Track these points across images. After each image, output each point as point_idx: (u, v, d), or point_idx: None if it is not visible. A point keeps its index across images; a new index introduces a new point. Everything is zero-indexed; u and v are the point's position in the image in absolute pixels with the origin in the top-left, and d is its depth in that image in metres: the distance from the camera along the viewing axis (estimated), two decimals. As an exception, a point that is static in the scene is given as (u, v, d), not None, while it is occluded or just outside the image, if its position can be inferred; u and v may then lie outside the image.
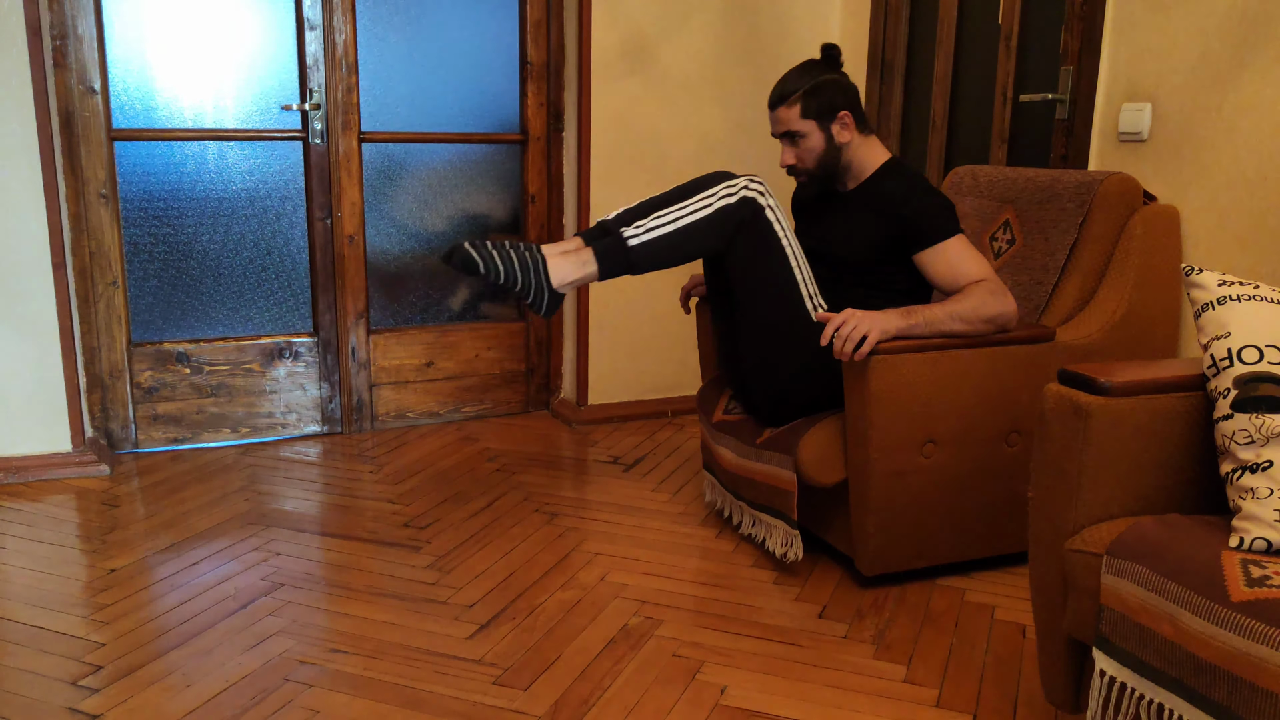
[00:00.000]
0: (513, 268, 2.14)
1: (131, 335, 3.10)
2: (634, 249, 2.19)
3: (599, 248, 2.21)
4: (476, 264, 2.12)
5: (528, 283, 2.15)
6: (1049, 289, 2.41)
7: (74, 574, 2.28)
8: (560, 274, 2.17)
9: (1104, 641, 1.42)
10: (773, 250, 2.24)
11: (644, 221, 2.21)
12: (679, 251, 2.23)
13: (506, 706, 1.79)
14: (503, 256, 2.14)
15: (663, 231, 2.20)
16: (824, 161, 2.34)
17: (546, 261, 2.16)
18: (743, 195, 2.23)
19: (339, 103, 3.18)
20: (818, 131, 2.31)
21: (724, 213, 2.22)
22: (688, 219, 2.21)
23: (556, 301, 2.19)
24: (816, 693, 1.85)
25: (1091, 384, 1.50)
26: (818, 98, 2.29)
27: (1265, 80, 2.19)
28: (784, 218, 2.27)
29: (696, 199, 2.23)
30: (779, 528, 2.34)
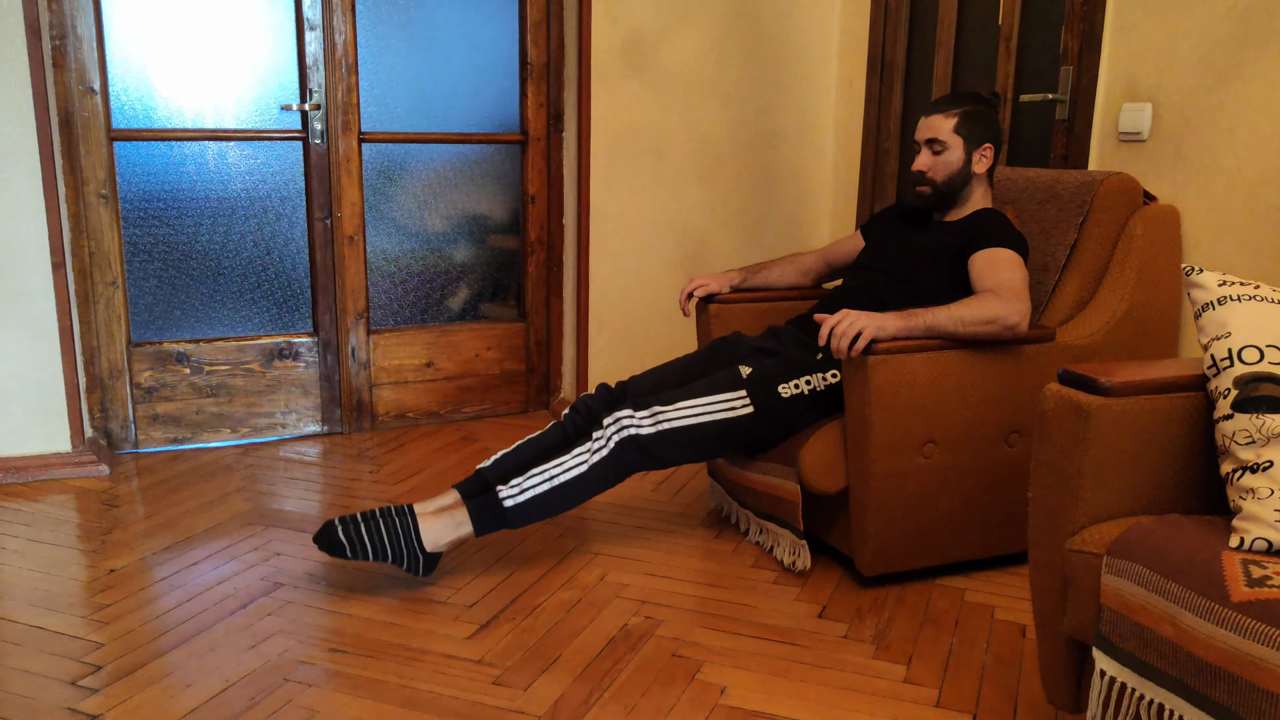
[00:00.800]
0: (381, 542, 2.12)
1: (131, 335, 3.10)
2: (509, 510, 2.17)
3: (473, 508, 2.17)
4: (343, 546, 2.10)
5: (399, 551, 2.13)
6: (1049, 289, 2.41)
7: (74, 574, 2.28)
8: (433, 537, 2.15)
9: (1104, 642, 1.42)
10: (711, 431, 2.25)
11: (519, 480, 2.17)
12: (558, 507, 2.21)
13: (506, 706, 1.79)
14: (371, 532, 2.12)
15: (538, 491, 2.17)
16: (952, 180, 2.38)
17: (419, 525, 2.14)
18: (616, 442, 2.20)
19: (339, 103, 3.18)
20: (961, 150, 2.36)
21: (598, 467, 2.19)
22: (562, 477, 2.18)
23: (432, 562, 2.17)
24: (816, 693, 1.85)
25: (1091, 384, 1.50)
26: (974, 121, 2.37)
27: (1266, 80, 2.19)
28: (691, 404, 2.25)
29: (570, 455, 2.19)
30: (785, 536, 2.34)
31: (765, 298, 2.74)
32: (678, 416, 2.23)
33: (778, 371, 2.31)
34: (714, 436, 2.26)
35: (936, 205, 2.43)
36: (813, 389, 2.31)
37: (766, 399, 2.27)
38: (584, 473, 2.19)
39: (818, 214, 3.73)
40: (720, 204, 3.56)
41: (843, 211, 3.67)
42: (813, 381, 2.31)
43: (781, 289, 2.75)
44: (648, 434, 2.21)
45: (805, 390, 2.30)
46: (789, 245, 3.65)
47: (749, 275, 2.73)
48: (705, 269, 3.56)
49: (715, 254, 3.58)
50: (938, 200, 2.41)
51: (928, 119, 2.40)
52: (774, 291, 2.74)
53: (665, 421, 2.22)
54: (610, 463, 2.20)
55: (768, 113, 3.57)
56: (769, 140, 3.59)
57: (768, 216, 3.65)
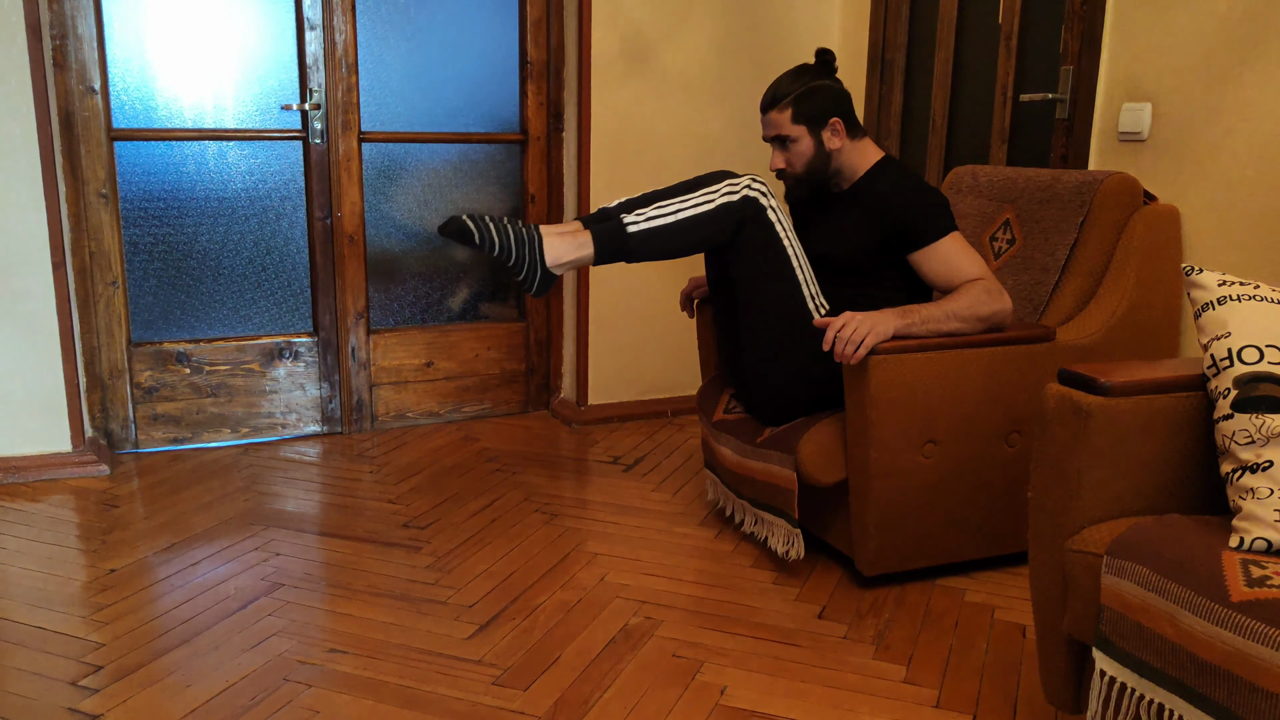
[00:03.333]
0: (508, 241, 2.12)
1: (131, 335, 3.10)
2: (633, 235, 2.18)
3: (597, 231, 2.20)
4: (472, 234, 2.10)
5: (521, 258, 2.13)
6: (1049, 289, 2.41)
7: (74, 574, 2.28)
8: (555, 253, 2.16)
9: (1104, 642, 1.42)
10: (774, 249, 2.24)
11: (645, 210, 2.21)
12: (677, 243, 2.22)
13: (506, 706, 1.79)
14: (499, 229, 2.12)
15: (663, 222, 2.20)
16: (813, 167, 2.34)
17: (543, 240, 2.15)
18: (745, 194, 2.23)
19: (339, 103, 3.18)
20: (808, 137, 2.31)
21: (725, 209, 2.22)
22: (689, 212, 2.21)
23: (549, 281, 2.17)
24: (816, 693, 1.85)
25: (1091, 384, 1.50)
26: (809, 103, 2.30)
27: (1265, 80, 2.19)
28: (785, 219, 2.27)
29: (699, 193, 2.23)
30: (780, 526, 2.34)
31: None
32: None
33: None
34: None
35: (815, 190, 2.40)
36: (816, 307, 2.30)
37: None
38: (710, 211, 2.19)
39: (818, 214, 3.73)
40: (720, 204, 3.55)
41: (843, 211, 3.66)
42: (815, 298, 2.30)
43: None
44: (766, 201, 2.22)
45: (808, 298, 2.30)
46: (789, 245, 3.65)
47: (749, 275, 2.73)
48: (705, 269, 3.56)
49: (715, 254, 3.58)
50: (812, 187, 2.39)
51: (765, 117, 2.35)
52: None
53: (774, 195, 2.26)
54: (733, 211, 2.20)
55: (767, 113, 3.56)
56: (769, 140, 3.59)
57: (768, 216, 3.64)
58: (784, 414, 2.36)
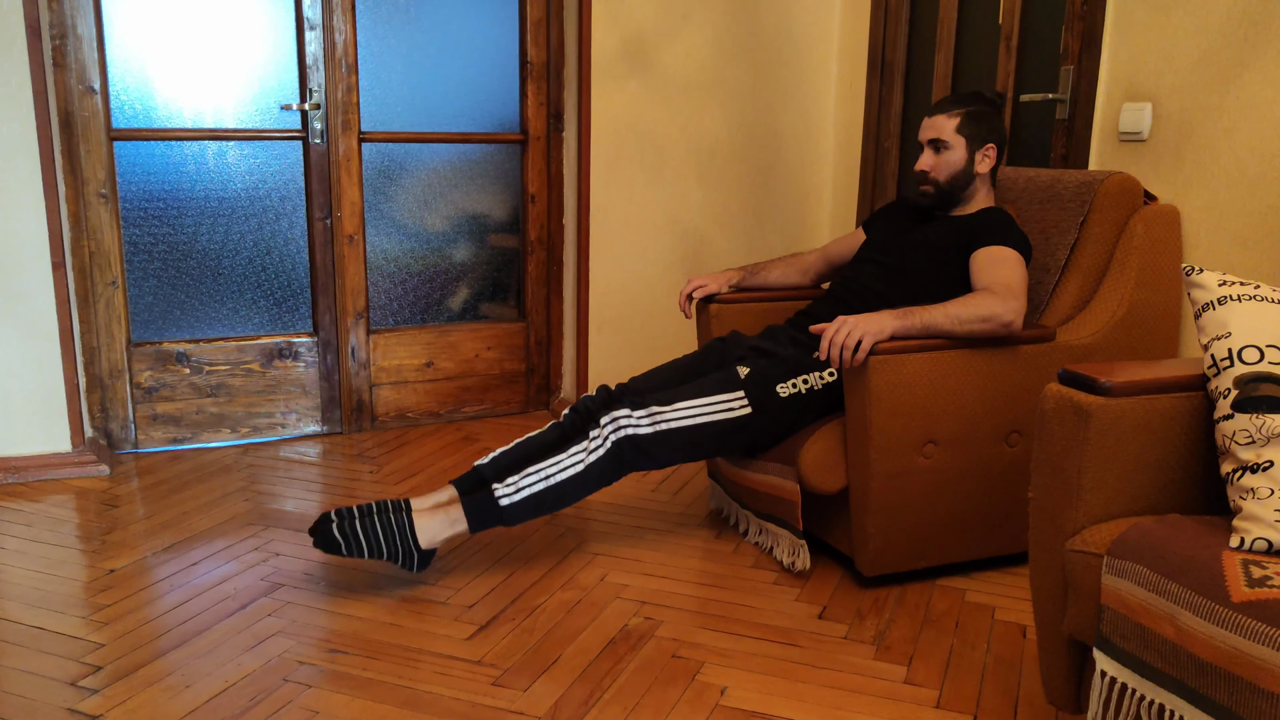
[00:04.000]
0: (377, 539, 2.12)
1: (131, 335, 3.10)
2: (505, 508, 2.16)
3: (469, 505, 2.17)
4: (338, 544, 2.10)
5: (394, 548, 2.13)
6: (1049, 289, 2.41)
7: (74, 574, 2.28)
8: (428, 534, 2.15)
9: (1105, 642, 1.42)
10: (709, 432, 2.24)
11: (515, 479, 2.17)
12: (554, 505, 2.20)
13: (506, 707, 1.79)
14: (366, 529, 2.12)
15: (535, 489, 2.17)
16: (955, 180, 2.39)
17: (414, 522, 2.14)
18: (612, 441, 2.20)
19: (339, 103, 3.18)
20: (964, 150, 2.37)
21: (595, 466, 2.19)
22: (559, 476, 2.18)
23: (426, 559, 2.17)
24: (816, 693, 1.85)
25: (1092, 384, 1.50)
26: (978, 121, 2.38)
27: (1265, 80, 2.19)
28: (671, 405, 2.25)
29: (566, 454, 2.19)
30: (785, 537, 2.34)
31: (765, 297, 2.74)
32: (675, 417, 2.22)
33: (775, 371, 2.31)
34: (712, 437, 2.26)
35: (939, 205, 2.43)
36: (810, 388, 2.31)
37: (764, 399, 2.27)
38: (580, 471, 2.18)
39: (818, 214, 3.73)
40: (720, 204, 3.56)
41: (843, 211, 3.67)
42: (810, 380, 2.31)
43: (781, 288, 2.75)
44: (645, 434, 2.21)
45: (803, 389, 2.30)
46: (789, 245, 3.65)
47: (748, 275, 2.74)
48: (705, 269, 3.56)
49: (715, 254, 3.58)
50: (940, 200, 2.42)
51: (931, 119, 2.40)
52: (774, 291, 2.75)
53: (663, 422, 2.21)
54: (607, 462, 2.20)
55: (768, 112, 3.57)
56: (769, 140, 3.59)
57: (768, 216, 3.65)
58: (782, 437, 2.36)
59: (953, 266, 2.31)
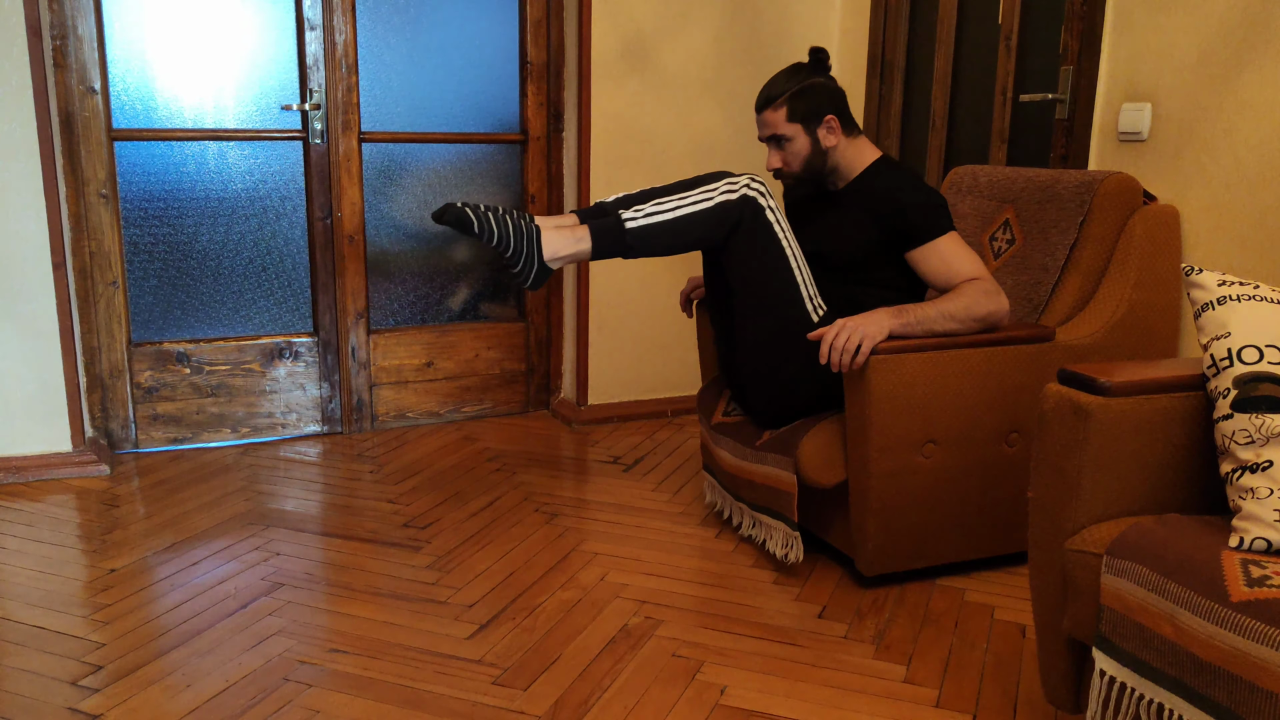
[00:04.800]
0: (506, 232, 2.08)
1: (131, 335, 3.10)
2: (630, 231, 2.17)
3: (595, 226, 2.19)
4: (470, 222, 2.07)
5: (519, 250, 2.10)
6: (1049, 289, 2.41)
7: (74, 574, 2.28)
8: (553, 247, 2.13)
9: (1104, 641, 1.42)
10: (771, 250, 2.24)
11: (643, 206, 2.20)
12: (675, 240, 2.21)
13: (506, 706, 1.79)
14: (497, 220, 2.09)
15: (661, 219, 2.19)
16: (810, 165, 2.34)
17: (540, 233, 2.12)
18: (744, 193, 2.22)
19: (339, 103, 3.18)
20: (804, 135, 2.31)
21: (723, 207, 2.21)
22: (687, 209, 2.20)
23: (545, 275, 2.15)
24: (816, 693, 1.85)
25: (1091, 384, 1.50)
26: (804, 101, 2.30)
27: (1265, 80, 2.19)
28: (784, 220, 2.26)
29: (697, 191, 2.23)
30: (779, 529, 2.34)
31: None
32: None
33: None
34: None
35: (814, 187, 2.40)
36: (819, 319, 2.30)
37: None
38: (710, 209, 2.18)
39: (818, 214, 3.73)
40: (720, 204, 3.55)
41: (843, 211, 3.66)
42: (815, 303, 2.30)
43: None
44: (766, 202, 2.21)
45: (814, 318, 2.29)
46: (789, 245, 3.65)
47: (749, 274, 2.73)
48: (705, 269, 3.56)
49: (715, 254, 3.58)
50: (810, 184, 2.39)
51: (761, 116, 2.35)
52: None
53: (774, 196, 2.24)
54: (731, 210, 2.19)
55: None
56: (769, 140, 3.59)
57: (768, 216, 3.65)
58: (782, 416, 2.36)
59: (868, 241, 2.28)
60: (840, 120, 2.32)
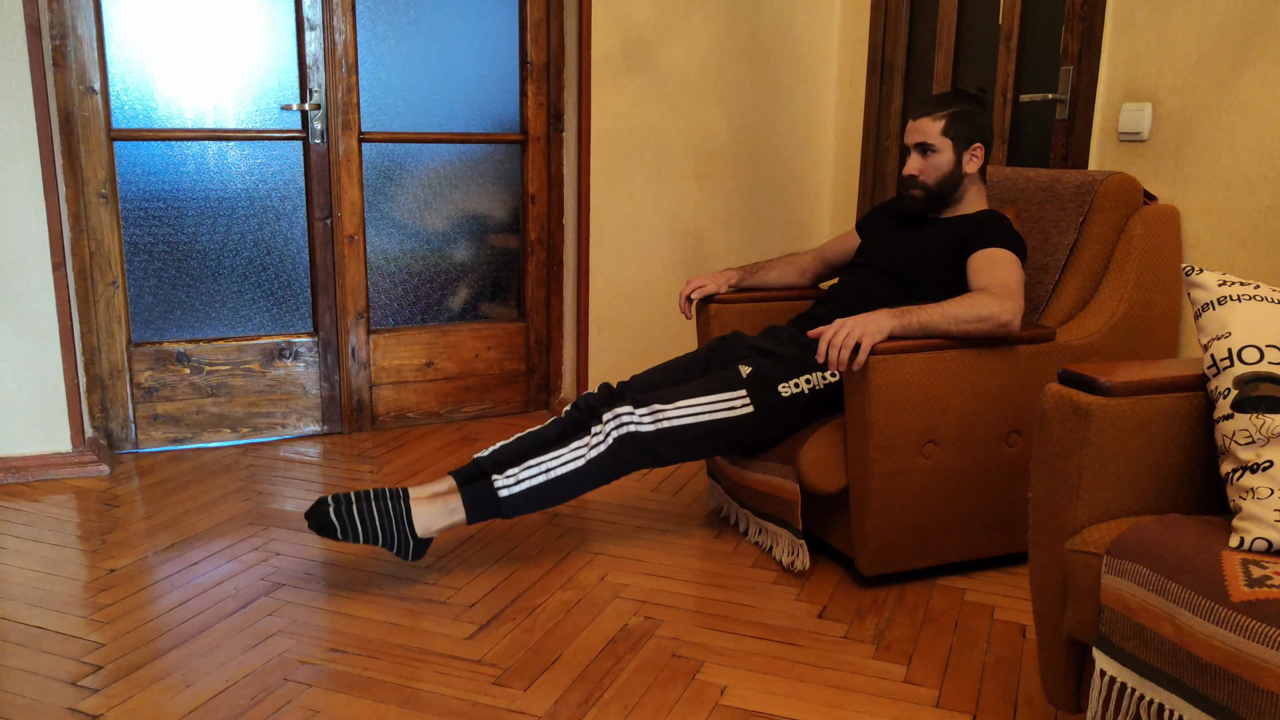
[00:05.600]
0: (373, 524, 2.11)
1: (131, 335, 3.10)
2: (504, 500, 2.16)
3: (467, 495, 2.17)
4: (334, 527, 2.09)
5: (390, 535, 2.12)
6: (1049, 289, 2.41)
7: (74, 574, 2.28)
8: (425, 522, 2.14)
9: (1104, 642, 1.42)
10: (690, 433, 2.24)
11: (515, 471, 2.17)
12: (553, 499, 2.20)
13: (506, 706, 1.79)
14: (363, 513, 2.11)
15: (534, 483, 2.17)
16: (944, 183, 2.37)
17: (411, 511, 2.14)
18: (613, 440, 2.20)
19: (339, 103, 3.18)
20: (951, 151, 2.35)
21: (596, 462, 2.19)
22: (558, 470, 2.18)
23: (422, 548, 2.17)
24: (816, 693, 1.85)
25: (1091, 384, 1.50)
26: (963, 121, 2.35)
27: (1265, 80, 2.19)
28: (665, 402, 2.25)
29: (568, 449, 2.19)
30: (784, 536, 2.34)
31: (764, 297, 2.74)
32: (677, 415, 2.23)
33: (777, 370, 2.31)
34: (713, 435, 2.26)
35: (930, 207, 2.42)
36: (813, 387, 2.31)
37: (766, 398, 2.27)
38: (580, 467, 2.18)
39: (817, 214, 3.73)
40: (720, 204, 3.56)
41: (842, 211, 3.67)
42: (812, 380, 2.31)
43: (780, 289, 2.75)
44: (647, 431, 2.21)
45: (805, 389, 2.30)
46: (789, 245, 3.65)
47: (747, 274, 2.74)
48: (705, 268, 3.56)
49: (715, 253, 3.58)
50: (931, 203, 2.41)
51: (915, 122, 2.38)
52: (773, 291, 2.75)
53: (665, 420, 2.22)
54: (607, 459, 2.20)
55: (768, 112, 3.57)
56: (769, 140, 3.59)
57: (767, 216, 3.65)
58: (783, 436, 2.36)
59: (950, 271, 2.31)
60: (985, 154, 2.39)
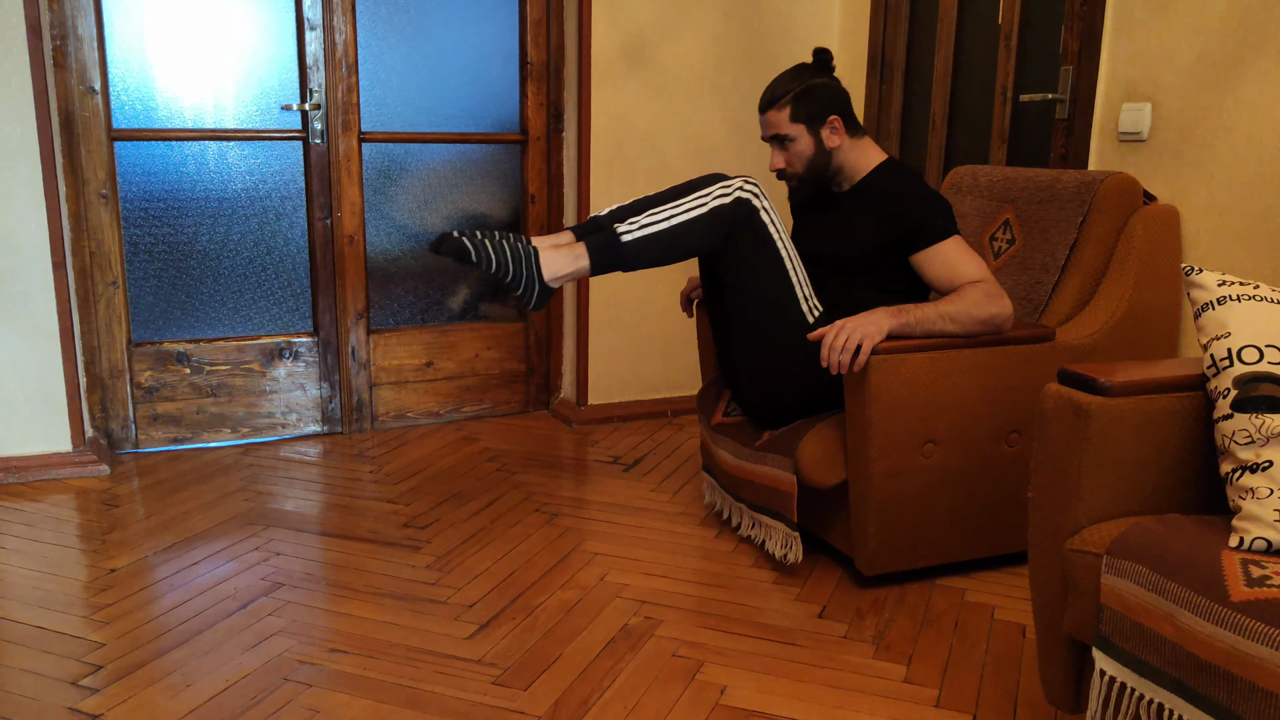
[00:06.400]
0: (504, 258, 2.10)
1: (131, 335, 3.10)
2: (627, 245, 2.18)
3: (592, 242, 2.19)
4: (469, 252, 2.08)
5: (519, 274, 2.11)
6: (1049, 289, 2.41)
7: (74, 574, 2.28)
8: (552, 268, 2.14)
9: (1104, 641, 1.42)
10: (767, 252, 2.24)
11: (637, 218, 2.20)
12: (672, 249, 2.21)
13: (506, 706, 1.79)
14: (495, 246, 2.10)
15: (656, 229, 2.19)
16: (813, 166, 2.33)
17: (539, 254, 2.13)
18: (737, 196, 2.22)
19: (339, 103, 3.18)
20: (807, 135, 2.31)
21: (717, 213, 2.21)
22: (681, 217, 2.20)
23: (546, 295, 2.16)
24: (816, 693, 1.85)
25: (1091, 384, 1.50)
26: (807, 102, 2.29)
27: (1265, 80, 2.19)
28: (779, 220, 2.26)
29: (691, 198, 2.23)
30: (778, 529, 2.34)
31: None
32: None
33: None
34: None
35: (817, 189, 2.39)
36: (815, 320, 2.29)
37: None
38: (704, 214, 2.18)
39: (818, 214, 3.73)
40: (720, 204, 3.55)
41: (843, 211, 3.66)
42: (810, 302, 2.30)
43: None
44: (759, 204, 2.21)
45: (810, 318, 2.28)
46: (789, 245, 3.65)
47: (748, 274, 2.73)
48: (705, 269, 3.56)
49: (715, 254, 3.58)
50: (814, 186, 2.37)
51: (764, 116, 2.34)
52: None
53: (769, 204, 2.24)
54: (728, 214, 2.19)
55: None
56: (769, 140, 3.59)
57: (768, 216, 3.65)
58: (781, 417, 2.36)
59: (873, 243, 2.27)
60: (844, 121, 2.31)
